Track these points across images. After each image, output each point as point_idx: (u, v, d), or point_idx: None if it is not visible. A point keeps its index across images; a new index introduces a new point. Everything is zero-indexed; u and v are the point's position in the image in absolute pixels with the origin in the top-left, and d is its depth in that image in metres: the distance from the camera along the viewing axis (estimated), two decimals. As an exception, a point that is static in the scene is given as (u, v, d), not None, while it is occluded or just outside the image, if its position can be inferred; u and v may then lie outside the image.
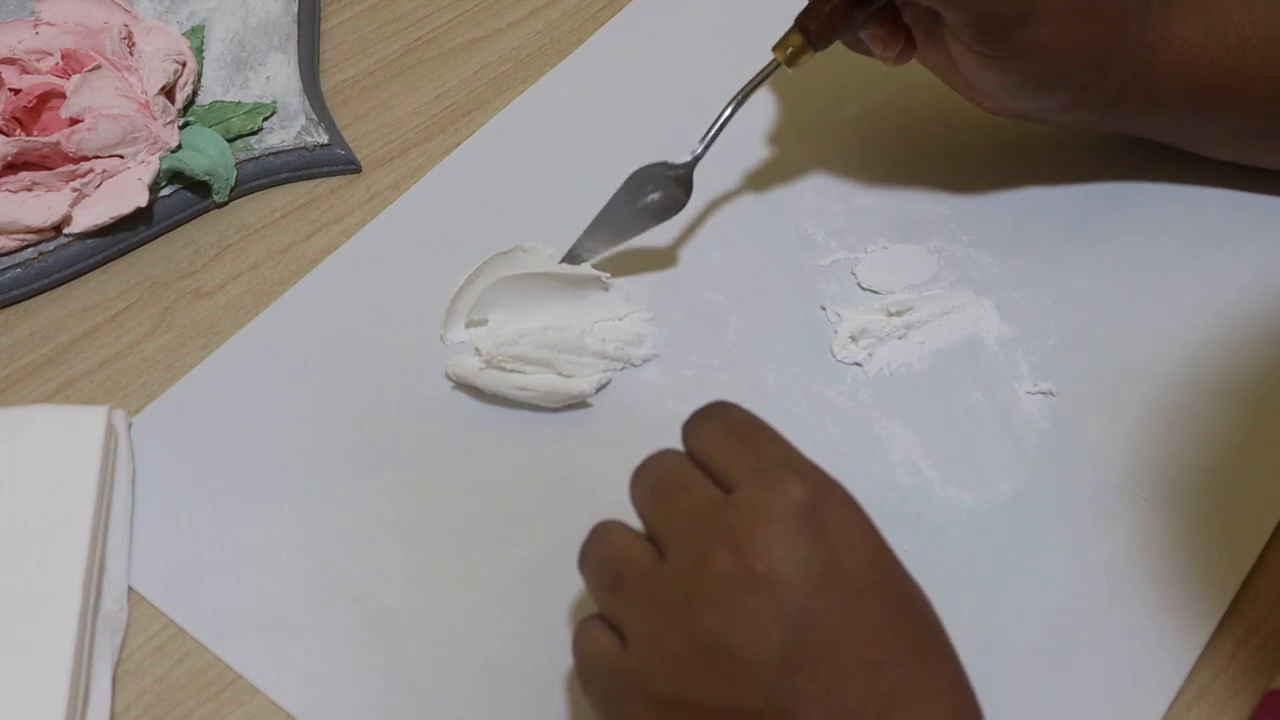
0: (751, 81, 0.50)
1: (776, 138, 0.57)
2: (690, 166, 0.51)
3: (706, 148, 0.51)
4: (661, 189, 0.51)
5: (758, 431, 0.36)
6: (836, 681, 0.32)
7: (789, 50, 0.49)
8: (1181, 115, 0.50)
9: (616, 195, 0.51)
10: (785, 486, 0.34)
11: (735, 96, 0.50)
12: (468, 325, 0.50)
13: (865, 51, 0.51)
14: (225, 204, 0.55)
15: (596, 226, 0.51)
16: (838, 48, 0.50)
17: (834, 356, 0.49)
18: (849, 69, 0.53)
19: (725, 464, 0.35)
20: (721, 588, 0.33)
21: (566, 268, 0.50)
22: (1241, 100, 0.48)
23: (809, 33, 0.48)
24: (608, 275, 0.50)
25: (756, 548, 0.33)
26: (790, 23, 0.48)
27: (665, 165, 0.51)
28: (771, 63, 0.49)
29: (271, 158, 0.56)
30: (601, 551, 0.37)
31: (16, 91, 0.53)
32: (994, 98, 0.50)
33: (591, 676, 0.36)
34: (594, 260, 0.51)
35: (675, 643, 0.33)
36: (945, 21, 0.47)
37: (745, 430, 0.36)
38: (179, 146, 0.54)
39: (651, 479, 0.37)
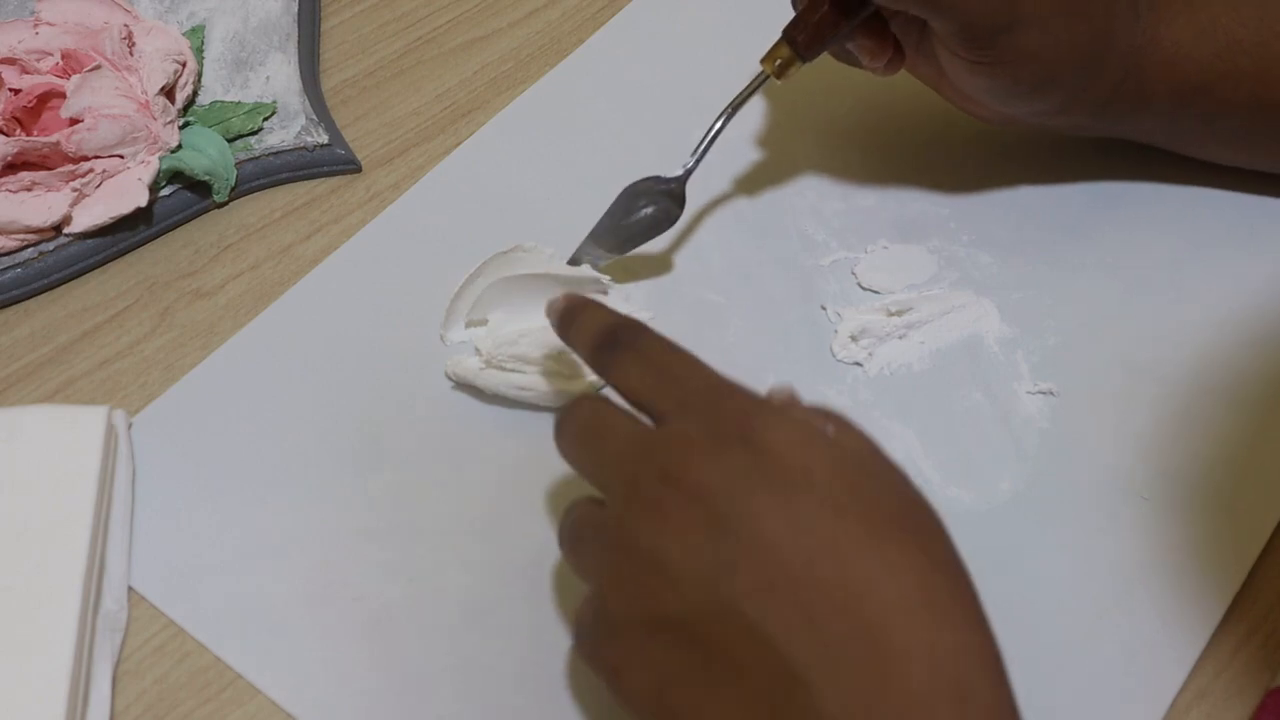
0: (740, 94, 0.50)
1: (776, 138, 0.57)
2: (682, 181, 0.51)
3: (698, 161, 0.51)
4: (654, 203, 0.51)
5: (672, 357, 0.37)
6: (780, 574, 0.32)
7: (777, 62, 0.49)
8: (1173, 118, 0.50)
9: (609, 211, 0.51)
10: (709, 420, 0.34)
11: (725, 109, 0.50)
12: (468, 325, 0.50)
13: (853, 63, 0.51)
14: (225, 204, 0.55)
15: (590, 243, 0.51)
16: (825, 58, 0.50)
17: (834, 356, 0.49)
18: (848, 68, 0.53)
19: (647, 399, 0.36)
20: (652, 508, 0.34)
21: (566, 268, 0.50)
22: (1231, 102, 0.49)
23: (797, 44, 0.48)
24: (608, 277, 0.50)
25: (684, 469, 0.34)
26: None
27: (657, 179, 0.51)
28: (760, 75, 0.49)
29: (271, 158, 0.56)
30: (565, 526, 0.38)
31: (16, 91, 0.53)
32: (985, 104, 0.50)
33: (585, 652, 0.36)
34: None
35: (624, 570, 0.34)
36: (933, 29, 0.47)
37: (664, 362, 0.37)
38: (179, 146, 0.54)
39: (573, 429, 0.37)
